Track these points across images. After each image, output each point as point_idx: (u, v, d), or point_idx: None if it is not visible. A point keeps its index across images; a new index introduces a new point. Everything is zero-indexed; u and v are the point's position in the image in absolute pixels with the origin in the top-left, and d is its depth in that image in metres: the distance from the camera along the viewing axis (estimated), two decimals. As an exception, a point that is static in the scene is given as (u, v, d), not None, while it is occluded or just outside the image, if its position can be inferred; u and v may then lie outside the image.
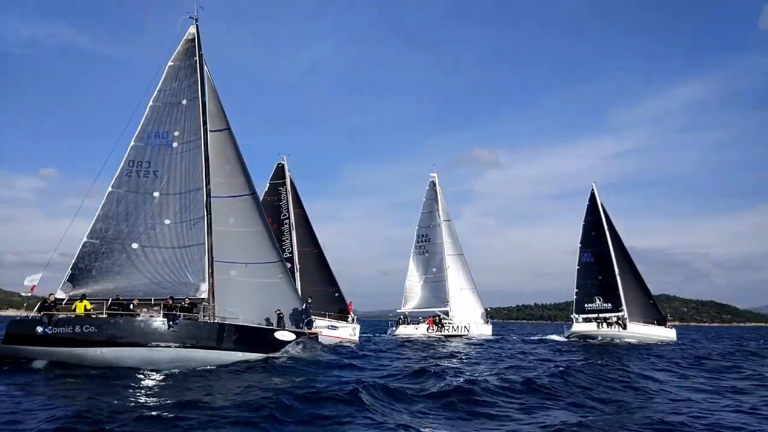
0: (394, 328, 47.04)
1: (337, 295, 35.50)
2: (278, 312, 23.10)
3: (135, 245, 22.19)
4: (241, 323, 21.62)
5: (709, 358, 27.26)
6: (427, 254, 49.62)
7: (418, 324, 47.14)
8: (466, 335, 46.46)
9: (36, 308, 19.99)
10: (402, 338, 42.99)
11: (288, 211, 35.18)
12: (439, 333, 46.02)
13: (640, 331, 45.46)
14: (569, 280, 49.34)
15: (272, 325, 23.01)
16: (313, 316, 25.79)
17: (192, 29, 24.43)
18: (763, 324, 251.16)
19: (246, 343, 21.41)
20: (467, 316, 48.38)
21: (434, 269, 48.95)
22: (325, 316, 33.38)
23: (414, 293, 48.53)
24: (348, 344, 32.14)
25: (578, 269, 48.68)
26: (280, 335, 22.24)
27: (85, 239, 21.80)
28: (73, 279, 21.30)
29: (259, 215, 24.08)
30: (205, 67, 24.26)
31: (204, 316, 21.76)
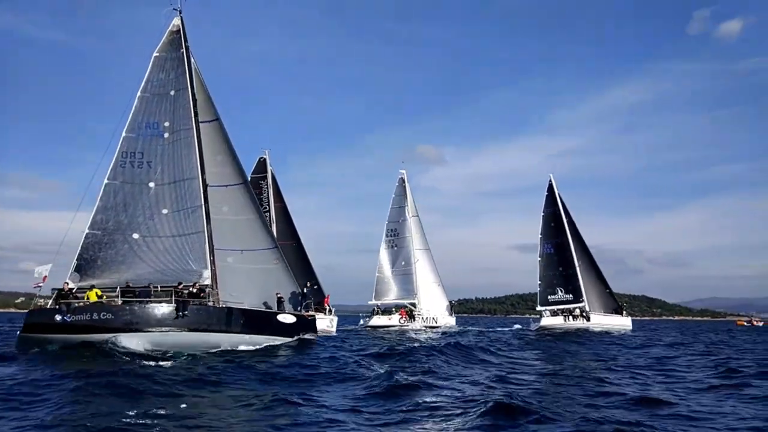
0: (368, 319, 48.09)
1: (315, 287, 36.26)
2: (279, 295, 23.80)
3: (136, 235, 22.52)
4: (246, 307, 22.28)
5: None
6: (395, 248, 51.00)
7: (390, 315, 48.34)
8: (435, 326, 48.03)
9: (53, 298, 20.30)
10: (372, 328, 44.32)
11: (269, 204, 35.81)
12: (410, 323, 47.32)
13: (602, 321, 48.18)
14: (509, 275, 51.81)
15: (271, 309, 23.72)
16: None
17: (176, 21, 24.96)
18: (690, 318, 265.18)
19: (252, 326, 22.14)
20: (434, 308, 49.97)
21: (403, 262, 50.35)
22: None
23: (383, 285, 49.71)
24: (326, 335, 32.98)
25: (539, 261, 50.96)
26: (283, 318, 23.04)
27: (87, 230, 22.05)
28: (80, 269, 21.53)
29: (252, 203, 24.82)
30: (192, 59, 24.82)
31: (209, 302, 22.24)
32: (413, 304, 49.23)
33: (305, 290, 25.35)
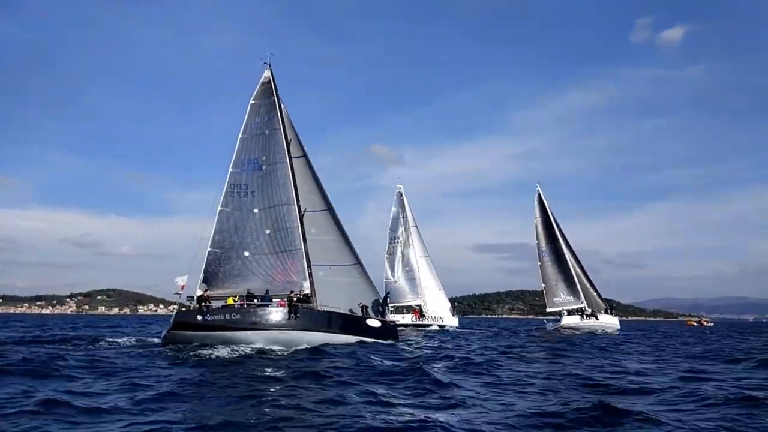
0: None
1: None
2: (361, 305, 29.36)
3: (246, 253, 27.94)
4: (342, 312, 27.94)
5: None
6: (398, 255, 57.33)
7: (403, 315, 54.74)
8: (442, 324, 54.70)
9: (195, 301, 25.76)
10: None
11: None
12: (421, 322, 53.82)
13: (606, 321, 54.40)
14: (467, 275, 58.74)
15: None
16: None
17: (267, 73, 30.35)
18: (643, 318, 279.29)
19: (347, 327, 27.69)
20: (438, 310, 56.62)
21: (407, 268, 56.79)
22: None
23: (391, 289, 55.75)
24: None
25: (540, 265, 57.41)
26: (370, 322, 28.70)
27: (209, 248, 27.36)
28: (207, 281, 26.87)
29: (336, 226, 30.26)
30: (282, 105, 30.32)
31: (313, 307, 27.82)
32: (419, 306, 55.80)
33: (385, 297, 30.94)
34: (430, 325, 54.11)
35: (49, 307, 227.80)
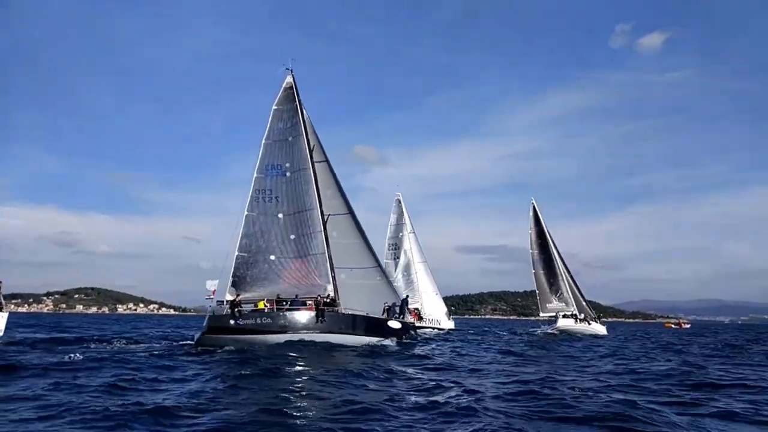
0: None
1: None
2: (386, 305, 30.23)
3: (273, 257, 28.69)
4: (365, 314, 28.79)
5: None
6: (397, 260, 58.49)
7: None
8: (440, 327, 56.01)
9: (227, 306, 26.43)
10: None
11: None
12: (419, 324, 54.92)
13: (597, 327, 56.88)
14: (450, 276, 60.22)
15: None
16: None
17: (289, 78, 31.07)
18: (623, 319, 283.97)
19: (370, 329, 28.57)
20: (435, 313, 58.00)
21: (405, 272, 58.02)
22: None
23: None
24: None
25: (534, 273, 59.53)
26: (391, 323, 29.62)
27: (237, 253, 28.05)
28: (235, 284, 27.57)
29: (357, 230, 31.09)
30: (304, 111, 31.08)
31: (338, 310, 28.66)
32: (417, 309, 56.86)
33: (403, 300, 31.85)
34: (428, 327, 55.28)
35: (26, 305, 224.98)
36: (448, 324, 58.55)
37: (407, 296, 34.67)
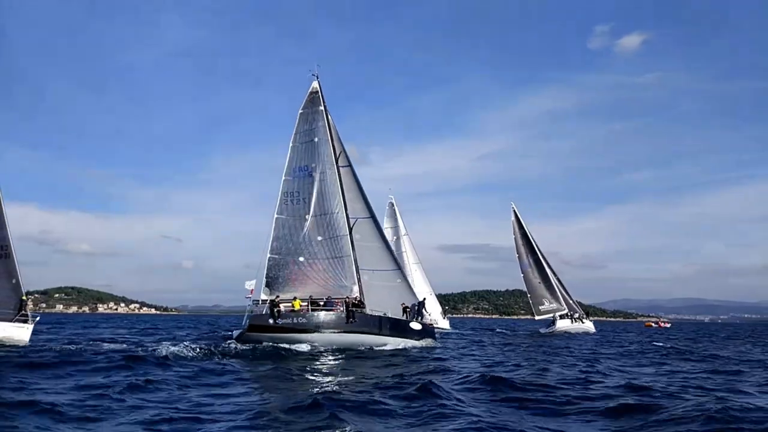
0: None
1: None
2: (404, 306, 31.35)
3: (302, 258, 29.74)
4: (390, 316, 29.89)
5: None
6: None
7: None
8: (439, 326, 57.50)
9: (267, 305, 27.70)
10: None
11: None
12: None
13: (588, 325, 59.51)
14: (434, 274, 62.14)
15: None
16: None
17: (315, 84, 32.14)
18: (604, 318, 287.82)
19: (395, 330, 29.66)
20: (433, 313, 59.44)
21: (402, 275, 59.71)
22: None
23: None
24: None
25: (523, 276, 61.43)
26: (413, 325, 30.73)
27: (268, 255, 29.17)
28: (269, 285, 28.72)
29: (378, 233, 32.22)
30: (329, 116, 32.09)
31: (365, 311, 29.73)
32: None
33: (421, 302, 32.96)
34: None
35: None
36: (444, 323, 59.78)
37: (425, 298, 35.69)
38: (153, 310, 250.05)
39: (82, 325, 57.96)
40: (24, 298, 27.84)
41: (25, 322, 27.37)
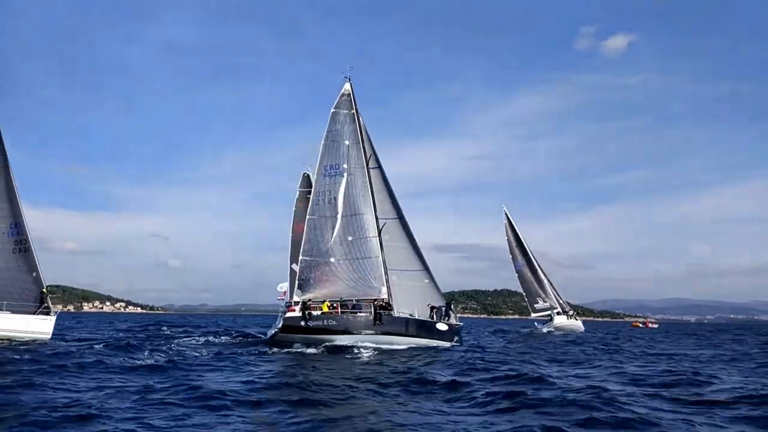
0: None
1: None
2: (431, 306, 31.80)
3: (332, 259, 30.16)
4: (417, 317, 30.36)
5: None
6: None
7: None
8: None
9: (299, 307, 28.16)
10: None
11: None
12: None
13: (579, 323, 62.26)
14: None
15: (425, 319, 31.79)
16: None
17: (347, 86, 32.61)
18: (591, 318, 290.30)
19: (421, 331, 30.19)
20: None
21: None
22: None
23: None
24: None
25: (518, 276, 62.93)
26: (440, 326, 31.23)
27: (301, 257, 29.55)
28: (301, 287, 29.14)
29: (406, 233, 32.62)
30: (361, 118, 32.53)
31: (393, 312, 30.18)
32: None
33: (447, 303, 33.45)
34: None
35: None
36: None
37: (452, 300, 36.21)
38: (139, 309, 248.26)
39: (91, 324, 57.76)
40: (44, 291, 28.32)
41: (47, 314, 27.96)
